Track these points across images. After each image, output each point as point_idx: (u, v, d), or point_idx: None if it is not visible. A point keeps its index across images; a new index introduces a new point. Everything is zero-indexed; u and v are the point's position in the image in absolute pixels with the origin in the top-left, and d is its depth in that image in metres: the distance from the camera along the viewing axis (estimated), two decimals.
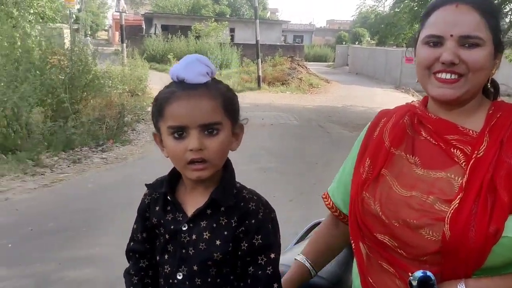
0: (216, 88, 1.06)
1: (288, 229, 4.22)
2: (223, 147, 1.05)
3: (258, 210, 1.06)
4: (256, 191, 1.11)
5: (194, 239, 1.07)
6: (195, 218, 1.08)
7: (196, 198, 1.10)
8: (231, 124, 1.07)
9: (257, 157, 6.92)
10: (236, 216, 1.06)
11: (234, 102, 1.09)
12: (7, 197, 5.03)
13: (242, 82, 16.32)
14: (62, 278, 3.21)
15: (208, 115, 1.02)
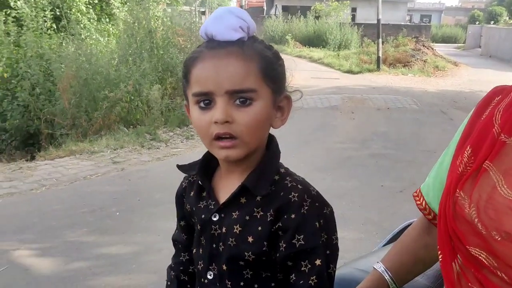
0: (252, 47, 0.85)
1: (395, 223, 3.91)
2: (257, 121, 0.84)
3: (302, 203, 0.85)
4: (363, 179, 0.89)
5: (224, 232, 0.90)
6: (227, 207, 0.90)
7: (231, 183, 0.91)
8: (272, 94, 0.86)
9: (368, 143, 6.55)
10: (273, 208, 0.86)
11: (275, 66, 0.88)
12: (123, 168, 5.35)
13: (360, 63, 15.65)
14: (160, 250, 3.28)
15: (238, 80, 0.82)
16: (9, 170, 5.24)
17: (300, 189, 0.87)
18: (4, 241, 3.44)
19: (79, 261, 3.16)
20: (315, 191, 0.89)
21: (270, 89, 0.85)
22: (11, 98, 7.78)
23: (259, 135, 0.87)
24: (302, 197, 0.85)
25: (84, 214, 3.96)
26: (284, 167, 0.93)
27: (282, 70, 0.90)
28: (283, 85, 0.90)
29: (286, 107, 0.91)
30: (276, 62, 0.88)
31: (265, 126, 0.88)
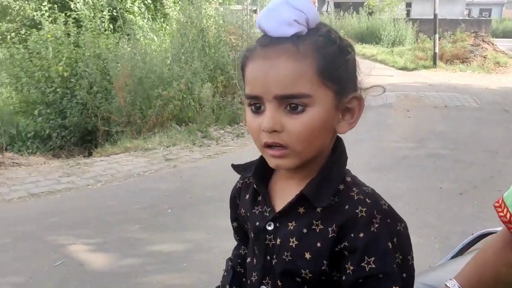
0: (311, 42, 0.73)
1: (454, 227, 3.72)
2: (311, 130, 0.74)
3: (371, 220, 0.73)
4: (420, 180, 0.79)
5: (279, 244, 0.81)
6: (283, 217, 0.81)
7: (290, 189, 0.82)
8: (335, 96, 0.75)
9: (425, 142, 6.28)
10: (336, 224, 0.75)
11: (340, 62, 0.75)
12: (175, 165, 5.41)
13: (415, 60, 15.10)
14: (210, 249, 3.26)
15: (288, 83, 0.72)
16: (68, 166, 5.43)
17: (369, 204, 0.75)
18: (61, 235, 3.54)
19: (131, 258, 3.20)
20: (387, 204, 0.77)
21: (331, 91, 0.75)
22: (70, 96, 8.09)
23: (314, 145, 0.77)
24: (371, 213, 0.74)
25: (138, 210, 4.02)
26: (351, 175, 0.82)
27: (349, 66, 0.78)
28: (351, 84, 0.79)
29: (356, 109, 0.79)
30: (342, 57, 0.76)
31: (323, 134, 0.77)
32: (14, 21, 11.35)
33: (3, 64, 9.14)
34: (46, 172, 5.15)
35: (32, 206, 4.22)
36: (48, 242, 3.43)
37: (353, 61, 0.79)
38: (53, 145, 8.24)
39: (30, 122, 8.57)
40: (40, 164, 5.71)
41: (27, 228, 3.69)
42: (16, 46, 8.69)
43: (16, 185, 4.68)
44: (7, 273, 3.01)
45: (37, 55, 8.32)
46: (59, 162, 5.80)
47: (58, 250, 3.30)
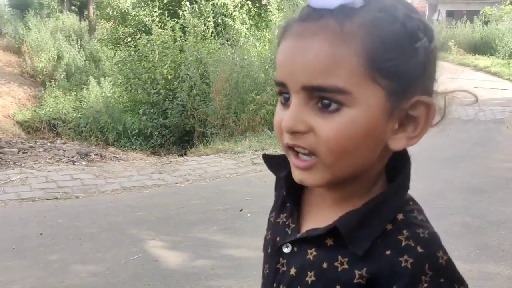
0: (361, 18, 0.54)
1: None
2: (345, 138, 0.55)
3: (419, 276, 0.55)
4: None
5: (292, 275, 0.64)
6: (304, 241, 0.64)
7: (325, 208, 0.65)
8: (387, 97, 0.55)
9: None
10: (367, 269, 0.57)
11: (402, 51, 0.54)
12: (261, 169, 5.35)
13: None
14: None
15: (318, 72, 0.54)
16: (161, 163, 5.63)
17: (420, 254, 0.56)
18: (142, 230, 3.63)
19: (204, 259, 3.17)
20: (445, 257, 0.57)
21: (382, 89, 0.55)
22: (172, 98, 8.48)
23: (350, 159, 0.57)
24: (420, 267, 0.55)
25: (218, 211, 4.01)
26: (407, 209, 0.61)
27: (418, 59, 0.56)
28: (418, 83, 0.57)
29: (422, 118, 0.58)
30: (406, 44, 0.55)
31: (364, 147, 0.57)
32: (130, 26, 12.24)
33: (118, 66, 9.88)
34: (140, 168, 5.38)
35: (122, 199, 4.40)
36: (130, 235, 3.54)
37: (426, 52, 0.56)
38: (154, 143, 8.70)
39: (135, 120, 9.14)
40: (137, 160, 6.00)
41: (113, 220, 3.84)
42: (127, 49, 9.34)
43: (112, 178, 4.94)
44: (88, 261, 3.13)
45: (145, 58, 8.85)
46: (154, 159, 6.05)
47: (137, 244, 3.38)
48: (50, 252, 3.24)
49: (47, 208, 4.07)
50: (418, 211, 0.62)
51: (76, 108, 11.79)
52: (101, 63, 14.79)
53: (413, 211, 0.61)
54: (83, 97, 12.04)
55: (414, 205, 0.63)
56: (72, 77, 14.87)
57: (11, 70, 16.08)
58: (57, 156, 5.76)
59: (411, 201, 0.63)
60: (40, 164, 5.28)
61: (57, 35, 16.91)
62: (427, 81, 0.58)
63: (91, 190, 4.58)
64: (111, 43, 12.87)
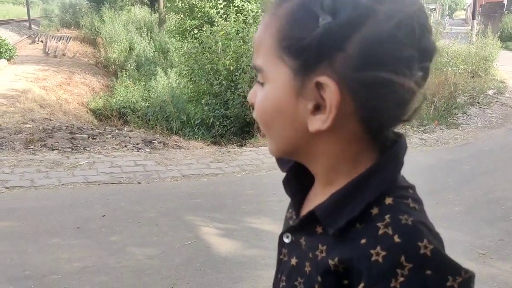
0: (293, 2, 0.55)
1: None
2: (262, 110, 0.60)
3: (394, 269, 0.49)
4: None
5: (293, 265, 0.63)
6: (297, 231, 0.64)
7: (315, 195, 0.65)
8: (293, 76, 0.55)
9: None
10: (338, 258, 0.54)
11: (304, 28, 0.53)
12: None
13: None
14: None
15: (255, 51, 0.61)
16: (220, 152, 5.74)
17: (395, 245, 0.50)
18: (198, 217, 3.73)
19: (255, 248, 3.21)
20: (431, 247, 0.50)
21: (288, 68, 0.55)
22: (234, 89, 8.58)
23: (273, 131, 0.60)
24: (394, 260, 0.50)
25: (272, 202, 4.03)
26: (399, 194, 0.56)
27: (322, 35, 0.52)
28: (323, 62, 0.53)
29: (327, 101, 0.54)
30: (310, 21, 0.53)
31: (279, 121, 0.59)
32: (197, 18, 12.51)
33: (184, 57, 10.15)
34: (199, 157, 5.51)
35: (181, 186, 4.54)
36: (185, 222, 3.65)
37: (328, 30, 0.52)
38: (215, 133, 8.87)
39: (198, 110, 9.36)
40: (197, 149, 6.15)
41: (171, 206, 3.98)
42: (193, 41, 9.55)
43: (172, 166, 5.11)
44: (145, 244, 3.27)
45: (209, 49, 9.02)
46: (213, 149, 6.18)
47: (192, 230, 3.49)
48: (111, 233, 3.41)
49: (111, 191, 4.29)
50: (415, 201, 0.56)
51: (145, 98, 12.24)
52: (169, 54, 15.24)
53: (407, 198, 0.56)
54: (151, 87, 12.48)
55: (413, 194, 0.57)
56: (141, 68, 15.45)
57: (87, 61, 17.00)
58: (123, 143, 6.03)
59: (410, 189, 0.58)
60: (107, 150, 5.55)
61: (129, 27, 17.64)
62: (340, 62, 0.52)
63: (152, 176, 4.77)
64: (179, 35, 13.22)
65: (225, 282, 2.79)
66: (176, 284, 2.76)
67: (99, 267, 2.93)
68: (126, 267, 2.92)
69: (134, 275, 2.84)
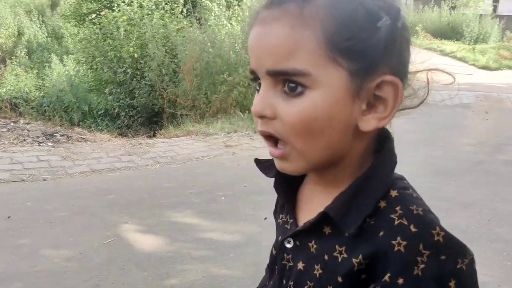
0: (319, 1, 0.54)
1: None
2: (308, 120, 0.55)
3: (415, 257, 0.52)
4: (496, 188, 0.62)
5: (300, 270, 0.63)
6: (304, 234, 0.63)
7: (316, 197, 0.64)
8: (350, 78, 0.54)
9: (504, 148, 5.78)
10: (363, 254, 0.56)
11: (362, 30, 0.53)
12: (234, 152, 5.34)
13: (499, 59, 14.09)
14: (259, 242, 3.13)
15: (280, 56, 0.54)
16: (130, 145, 5.52)
17: (414, 234, 0.53)
18: (114, 213, 3.56)
19: (179, 242, 3.14)
20: (442, 234, 0.54)
21: (343, 70, 0.54)
22: (140, 78, 8.28)
23: (319, 142, 0.57)
24: (415, 248, 0.53)
25: (191, 195, 3.97)
26: (401, 186, 0.60)
27: (382, 36, 0.54)
28: (383, 63, 0.55)
29: (390, 98, 0.56)
30: (367, 22, 0.54)
31: (330, 129, 0.56)
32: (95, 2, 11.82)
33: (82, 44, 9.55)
34: (109, 150, 5.25)
35: (92, 182, 4.30)
36: (102, 219, 3.46)
37: (389, 31, 0.54)
38: (121, 123, 8.52)
39: (101, 100, 8.90)
40: (104, 141, 5.86)
41: (84, 203, 3.75)
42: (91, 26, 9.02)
43: (80, 160, 4.81)
44: (60, 245, 3.05)
45: (111, 36, 8.58)
46: (123, 141, 5.93)
47: (110, 227, 3.32)
48: (20, 236, 3.13)
49: (14, 190, 3.94)
50: (413, 190, 0.61)
51: (39, 87, 11.37)
52: (64, 40, 14.27)
53: (408, 189, 0.60)
54: (46, 75, 11.61)
55: (409, 184, 0.62)
56: (33, 54, 14.32)
57: None
58: (21, 137, 5.56)
59: (404, 180, 0.62)
60: (4, 145, 5.08)
61: (17, 9, 16.19)
62: (394, 61, 0.57)
63: (58, 172, 4.45)
64: (75, 20, 12.40)
65: (151, 279, 2.70)
66: (100, 285, 2.61)
67: (10, 274, 2.68)
68: (42, 272, 2.70)
69: (52, 280, 2.64)
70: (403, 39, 0.57)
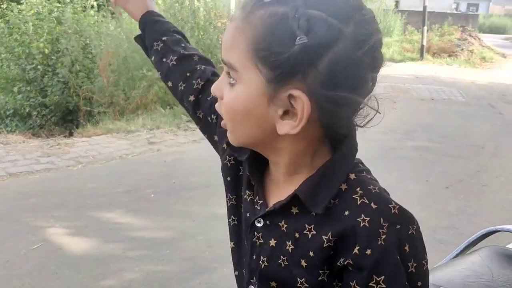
0: (264, 10, 0.61)
1: (441, 221, 3.70)
2: (233, 108, 0.66)
3: (378, 230, 0.62)
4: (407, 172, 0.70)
5: (273, 246, 0.70)
6: (273, 215, 0.71)
7: (282, 182, 0.72)
8: (266, 84, 0.62)
9: (412, 134, 6.27)
10: (332, 232, 0.64)
11: (281, 43, 0.59)
12: (159, 149, 5.29)
13: (402, 52, 15.16)
14: (195, 236, 3.19)
15: (226, 48, 0.66)
16: (47, 145, 5.26)
17: (375, 210, 0.63)
18: (39, 217, 3.41)
19: (112, 243, 3.10)
20: (397, 207, 0.64)
21: (262, 76, 0.62)
22: (52, 74, 7.86)
23: (240, 129, 0.68)
24: (376, 222, 0.62)
25: (119, 194, 3.91)
26: (358, 169, 0.69)
27: (298, 53, 0.58)
28: (295, 77, 0.61)
29: (299, 111, 0.62)
30: (288, 39, 0.59)
31: (248, 122, 0.66)
32: None
33: None
34: (25, 151, 4.98)
35: (10, 186, 4.07)
36: (26, 224, 3.31)
37: (306, 50, 0.58)
38: (33, 124, 8.03)
39: (9, 99, 8.32)
40: (19, 143, 5.53)
41: (4, 209, 3.56)
42: None
43: None
44: None
45: (18, 31, 8.05)
46: (39, 142, 5.63)
47: (36, 232, 3.18)
48: None
49: None
50: (367, 172, 0.70)
51: None
52: None
53: (363, 172, 0.69)
54: None
55: (363, 167, 0.71)
56: None
57: None
58: None
59: (360, 164, 0.72)
60: None
61: None
62: (310, 78, 0.60)
63: None
64: None
65: (87, 281, 2.66)
66: None
67: None
68: None
69: None
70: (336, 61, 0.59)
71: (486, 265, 1.08)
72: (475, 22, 25.88)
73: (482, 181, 4.54)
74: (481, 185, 4.45)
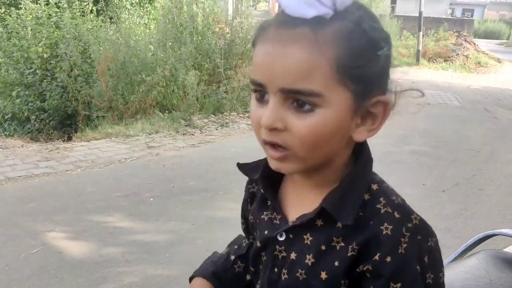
0: (333, 29, 0.61)
1: (438, 224, 3.73)
2: (317, 134, 0.63)
3: (399, 239, 0.64)
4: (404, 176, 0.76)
5: (293, 259, 0.72)
6: (298, 228, 0.72)
7: (305, 196, 0.74)
8: (354, 99, 0.64)
9: (409, 139, 6.32)
10: (356, 242, 0.66)
11: (368, 58, 0.63)
12: (158, 153, 5.32)
13: (398, 57, 15.22)
14: (194, 240, 3.21)
15: (298, 77, 0.61)
16: (47, 150, 5.28)
17: (398, 219, 0.65)
18: (39, 222, 3.43)
19: (112, 247, 3.12)
20: (418, 218, 0.67)
21: (350, 93, 0.63)
22: (50, 79, 7.88)
23: (319, 151, 0.66)
24: (399, 231, 0.65)
25: (119, 198, 3.93)
26: (377, 181, 0.71)
27: (379, 64, 0.64)
28: (378, 85, 0.66)
29: (380, 115, 0.67)
30: (371, 52, 0.63)
31: (332, 141, 0.66)
32: None
33: None
34: (24, 156, 4.99)
35: (9, 190, 4.08)
36: (25, 229, 3.32)
37: (385, 58, 0.65)
38: (31, 128, 8.04)
39: (8, 104, 8.33)
40: (17, 147, 5.54)
41: (3, 213, 3.57)
42: None
43: None
44: None
45: (16, 35, 8.08)
46: (38, 146, 5.64)
47: (35, 237, 3.20)
48: None
49: None
50: (386, 182, 0.73)
51: None
52: None
53: (383, 182, 0.72)
54: None
55: (381, 178, 0.73)
56: None
57: None
58: None
59: (377, 175, 0.74)
60: None
61: None
62: (385, 81, 0.68)
63: None
64: None
65: (87, 285, 2.67)
66: None
67: None
68: None
69: None
70: (390, 61, 0.67)
71: (483, 268, 1.12)
72: (471, 27, 26.00)
73: (478, 185, 4.58)
74: (477, 189, 4.49)
